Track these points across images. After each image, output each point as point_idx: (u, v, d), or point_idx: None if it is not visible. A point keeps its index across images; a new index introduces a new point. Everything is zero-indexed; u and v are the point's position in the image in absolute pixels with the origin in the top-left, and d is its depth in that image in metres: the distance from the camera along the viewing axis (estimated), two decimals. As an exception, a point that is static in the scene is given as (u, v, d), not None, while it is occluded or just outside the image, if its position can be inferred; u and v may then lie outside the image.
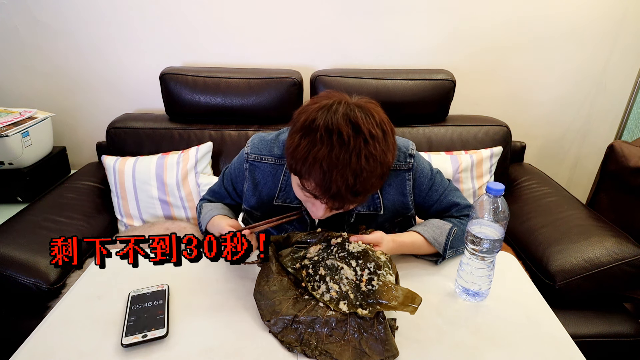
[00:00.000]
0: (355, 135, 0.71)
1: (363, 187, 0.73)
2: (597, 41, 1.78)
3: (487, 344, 0.73)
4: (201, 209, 1.04)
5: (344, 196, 0.73)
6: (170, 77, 1.61)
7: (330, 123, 0.71)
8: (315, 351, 0.69)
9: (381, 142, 0.73)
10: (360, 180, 0.72)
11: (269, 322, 0.74)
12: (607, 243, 1.23)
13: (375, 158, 0.72)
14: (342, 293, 0.75)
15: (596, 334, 1.21)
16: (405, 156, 0.93)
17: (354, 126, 0.72)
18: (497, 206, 0.76)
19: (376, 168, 0.73)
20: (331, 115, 0.72)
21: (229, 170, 1.04)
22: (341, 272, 0.77)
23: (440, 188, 0.98)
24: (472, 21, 1.73)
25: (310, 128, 0.73)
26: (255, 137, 0.98)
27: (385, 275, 0.76)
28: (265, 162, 0.95)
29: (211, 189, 1.10)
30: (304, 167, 0.73)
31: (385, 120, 0.77)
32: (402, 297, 0.72)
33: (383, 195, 0.94)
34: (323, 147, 0.71)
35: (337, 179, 0.70)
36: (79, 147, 1.94)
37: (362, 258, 0.78)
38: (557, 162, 2.06)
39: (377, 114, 0.76)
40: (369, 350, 0.69)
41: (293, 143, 0.75)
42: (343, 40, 1.77)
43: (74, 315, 0.79)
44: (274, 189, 0.95)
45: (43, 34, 1.73)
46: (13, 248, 1.22)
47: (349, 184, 0.71)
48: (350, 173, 0.71)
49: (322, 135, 0.71)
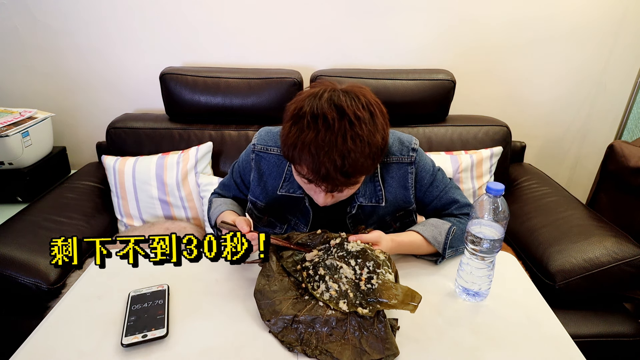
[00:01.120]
0: (339, 118, 0.74)
1: (352, 168, 0.75)
2: (597, 41, 1.78)
3: (487, 344, 0.73)
4: (211, 204, 1.08)
5: (334, 177, 0.75)
6: (170, 77, 1.61)
7: (316, 109, 0.75)
8: (316, 350, 0.69)
9: (368, 123, 0.76)
10: (348, 161, 0.74)
11: (269, 321, 0.74)
12: (607, 243, 1.23)
13: (362, 139, 0.75)
14: (341, 292, 0.75)
15: (596, 334, 1.21)
16: (409, 150, 0.96)
17: (338, 109, 0.75)
18: (497, 206, 0.76)
19: (364, 148, 0.75)
20: (317, 102, 0.76)
21: (238, 162, 1.08)
22: (340, 272, 0.77)
23: (441, 185, 0.99)
24: (472, 21, 1.73)
25: (298, 116, 0.77)
26: (262, 130, 1.02)
27: (385, 273, 0.76)
28: (271, 152, 0.98)
29: (222, 182, 1.14)
30: (295, 153, 0.76)
31: (373, 102, 0.79)
32: (401, 295, 0.72)
33: (385, 187, 0.95)
34: (310, 132, 0.74)
35: (324, 161, 0.73)
36: (79, 147, 1.94)
37: (361, 257, 0.78)
38: (557, 162, 2.06)
39: (364, 96, 0.78)
40: (369, 349, 0.69)
41: (284, 131, 0.79)
42: (343, 40, 1.77)
43: (74, 315, 0.79)
44: (278, 180, 0.97)
45: (43, 34, 1.73)
46: (13, 248, 1.22)
47: (337, 165, 0.74)
48: (338, 154, 0.73)
49: (309, 121, 0.75)
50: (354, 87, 0.80)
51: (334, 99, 0.76)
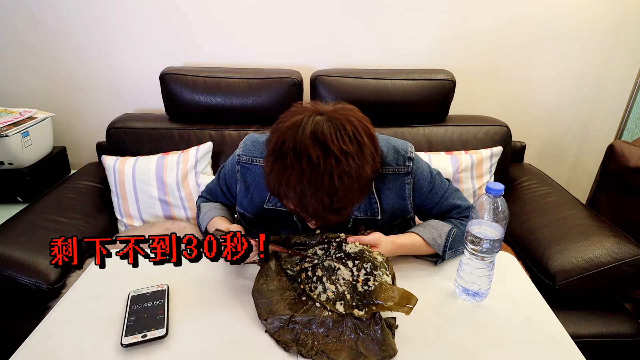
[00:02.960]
0: (324, 157, 0.68)
1: (341, 205, 0.72)
2: (597, 41, 1.78)
3: (487, 344, 0.73)
4: (200, 209, 1.04)
5: (322, 216, 0.73)
6: (170, 77, 1.61)
7: (299, 146, 0.69)
8: (312, 351, 0.69)
9: (355, 157, 0.71)
10: (337, 198, 0.70)
11: (266, 321, 0.74)
12: (607, 243, 1.23)
13: (350, 175, 0.70)
14: (338, 293, 0.75)
15: (596, 334, 1.21)
16: (404, 159, 0.92)
17: (322, 146, 0.69)
18: (497, 206, 0.76)
19: (352, 185, 0.71)
20: (300, 136, 0.70)
21: (224, 170, 1.03)
22: (338, 273, 0.77)
23: (441, 190, 0.97)
24: (472, 21, 1.73)
25: (280, 151, 0.71)
26: (248, 139, 0.96)
27: (382, 275, 0.76)
28: (257, 164, 0.94)
29: (208, 186, 1.09)
30: (280, 190, 0.73)
31: (361, 129, 0.73)
32: (397, 297, 0.72)
33: (382, 199, 0.93)
34: (294, 172, 0.69)
35: (312, 202, 0.70)
36: (79, 147, 1.94)
37: (358, 259, 0.78)
38: (557, 162, 2.06)
39: (351, 124, 0.72)
40: (365, 351, 0.69)
41: (267, 167, 0.74)
42: (343, 40, 1.77)
43: (74, 315, 0.79)
44: (265, 192, 0.93)
45: (43, 34, 1.73)
46: (13, 248, 1.22)
47: (325, 205, 0.70)
48: (325, 194, 0.69)
49: (292, 160, 0.69)
50: (338, 112, 0.73)
51: (317, 132, 0.69)
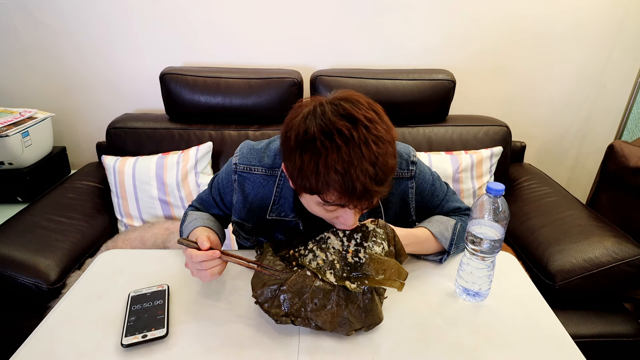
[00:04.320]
0: (354, 127, 0.66)
1: (384, 173, 0.69)
2: (597, 41, 1.78)
3: (487, 344, 0.73)
4: (186, 216, 0.99)
5: (370, 189, 0.68)
6: (170, 77, 1.61)
7: (325, 126, 0.67)
8: (300, 319, 0.71)
9: (380, 122, 0.69)
10: (379, 166, 0.67)
11: (257, 293, 0.74)
12: (607, 243, 1.23)
13: (384, 139, 0.68)
14: (328, 262, 0.75)
15: (596, 334, 1.21)
16: (408, 164, 0.91)
17: (348, 118, 0.67)
18: (497, 206, 0.76)
19: (387, 148, 0.69)
20: (319, 119, 0.68)
21: (217, 180, 0.99)
22: (328, 242, 0.78)
23: (441, 193, 0.98)
24: (472, 21, 1.73)
25: (306, 140, 0.67)
26: (244, 146, 0.93)
27: (372, 246, 0.76)
28: (255, 172, 0.90)
29: (200, 196, 1.05)
30: (319, 182, 0.67)
31: (372, 102, 0.73)
32: (388, 270, 0.72)
33: (386, 204, 0.92)
34: (330, 152, 0.65)
35: (358, 176, 0.65)
36: (79, 147, 1.94)
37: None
38: (557, 162, 2.06)
39: (361, 98, 0.72)
40: (352, 318, 0.71)
41: (296, 164, 0.69)
42: (343, 40, 1.77)
43: (74, 315, 0.78)
44: (265, 201, 0.91)
45: (43, 34, 1.73)
46: (13, 248, 1.22)
47: (371, 175, 0.66)
48: (368, 163, 0.66)
49: (323, 141, 0.66)
50: (344, 94, 0.73)
51: (338, 109, 0.68)
